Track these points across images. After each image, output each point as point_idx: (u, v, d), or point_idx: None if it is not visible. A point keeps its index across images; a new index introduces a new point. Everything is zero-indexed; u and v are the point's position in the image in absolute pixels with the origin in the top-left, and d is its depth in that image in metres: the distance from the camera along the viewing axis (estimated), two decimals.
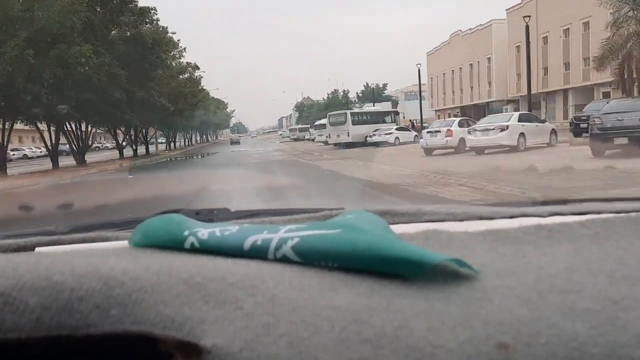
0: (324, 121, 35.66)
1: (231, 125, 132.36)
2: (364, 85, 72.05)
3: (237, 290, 0.46)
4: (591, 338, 0.39)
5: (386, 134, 28.52)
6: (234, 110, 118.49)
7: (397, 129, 29.96)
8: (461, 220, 0.74)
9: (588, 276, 0.48)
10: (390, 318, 0.42)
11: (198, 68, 43.68)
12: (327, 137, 32.58)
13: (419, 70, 42.77)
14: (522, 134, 16.28)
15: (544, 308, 0.43)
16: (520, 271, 0.50)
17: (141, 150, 36.72)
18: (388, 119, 34.11)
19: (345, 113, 32.78)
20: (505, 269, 0.51)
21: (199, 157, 33.62)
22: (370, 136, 28.71)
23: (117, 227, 0.91)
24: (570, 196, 0.84)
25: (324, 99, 76.92)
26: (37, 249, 0.71)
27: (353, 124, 31.19)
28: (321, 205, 0.96)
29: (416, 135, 27.04)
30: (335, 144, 30.35)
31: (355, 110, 41.56)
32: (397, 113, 36.91)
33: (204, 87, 57.18)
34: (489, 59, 51.34)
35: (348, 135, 30.28)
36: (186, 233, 0.60)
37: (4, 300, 0.43)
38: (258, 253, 0.55)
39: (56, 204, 1.66)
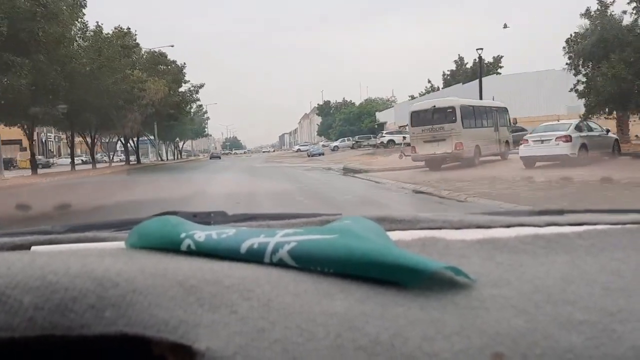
0: None
1: (205, 129, 76.58)
2: (456, 62, 47.62)
3: (232, 293, 0.46)
4: (587, 350, 0.39)
5: None
6: (203, 85, 47.42)
7: None
8: (458, 228, 0.74)
9: (584, 287, 0.48)
10: (386, 326, 0.41)
11: None
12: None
13: (480, 58, 30.11)
14: None
15: (540, 319, 0.42)
16: (516, 281, 0.50)
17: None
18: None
19: None
20: (501, 278, 0.51)
21: None
22: None
23: (114, 227, 0.91)
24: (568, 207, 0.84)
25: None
26: (33, 248, 0.71)
27: None
28: None
29: None
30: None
31: None
32: None
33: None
34: None
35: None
36: (183, 235, 0.59)
37: None
38: (254, 257, 0.55)
39: None
